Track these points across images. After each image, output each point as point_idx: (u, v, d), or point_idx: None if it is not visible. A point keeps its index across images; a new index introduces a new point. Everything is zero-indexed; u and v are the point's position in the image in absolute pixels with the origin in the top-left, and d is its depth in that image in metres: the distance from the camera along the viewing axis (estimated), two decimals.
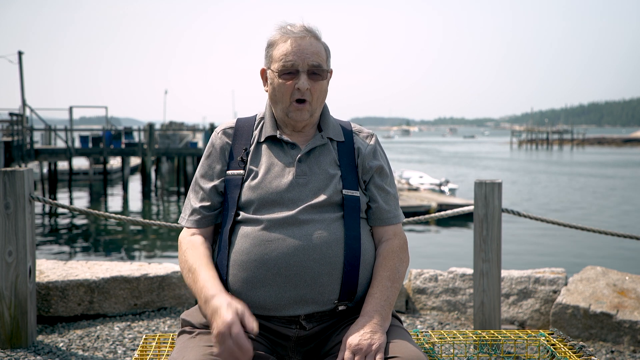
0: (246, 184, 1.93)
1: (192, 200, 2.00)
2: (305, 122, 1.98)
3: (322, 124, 2.03)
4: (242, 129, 2.04)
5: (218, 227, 1.98)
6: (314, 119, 2.00)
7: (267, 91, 2.03)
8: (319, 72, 1.94)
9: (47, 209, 24.05)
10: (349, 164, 1.99)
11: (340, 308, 1.88)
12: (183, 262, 1.92)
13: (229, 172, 1.96)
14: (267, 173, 1.94)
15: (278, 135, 1.99)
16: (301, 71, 1.92)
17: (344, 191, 1.94)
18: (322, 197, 1.91)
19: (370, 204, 1.99)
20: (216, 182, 1.97)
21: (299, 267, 1.83)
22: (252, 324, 1.65)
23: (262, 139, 2.00)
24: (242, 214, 1.91)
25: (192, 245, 1.92)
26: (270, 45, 1.98)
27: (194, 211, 1.97)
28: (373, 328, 1.79)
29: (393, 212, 2.01)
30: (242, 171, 1.95)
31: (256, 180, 1.93)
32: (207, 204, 1.96)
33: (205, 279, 1.80)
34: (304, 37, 1.93)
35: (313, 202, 1.90)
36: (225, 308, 1.67)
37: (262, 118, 2.06)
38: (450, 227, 20.77)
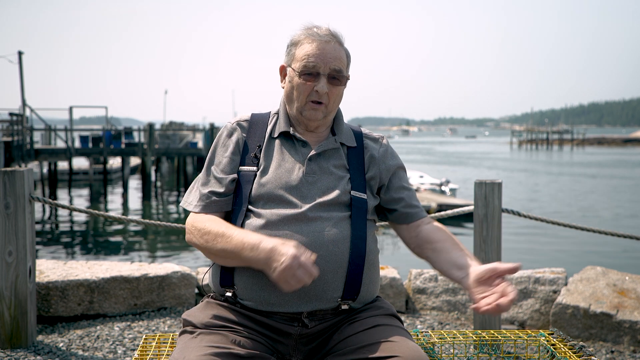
0: (256, 179, 1.94)
1: (202, 186, 1.98)
2: (319, 122, 2.00)
3: (335, 128, 2.05)
4: (256, 124, 2.05)
5: (228, 218, 1.96)
6: (327, 120, 2.02)
7: (283, 87, 2.04)
8: (339, 77, 1.96)
9: (47, 209, 24.05)
10: (358, 168, 2.01)
11: (343, 307, 1.89)
12: (205, 232, 1.87)
13: (242, 167, 1.97)
14: (278, 169, 1.95)
15: (291, 132, 2.00)
16: (322, 74, 1.94)
17: (352, 192, 1.96)
18: (330, 196, 1.92)
19: (396, 204, 2.04)
20: (229, 171, 1.97)
21: None
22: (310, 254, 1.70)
23: (276, 135, 2.02)
24: (251, 209, 1.92)
25: (210, 219, 1.90)
26: (294, 44, 1.99)
27: (203, 195, 1.95)
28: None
29: (420, 207, 2.07)
30: (254, 167, 1.96)
31: (266, 176, 1.94)
32: (220, 190, 1.94)
33: (243, 233, 1.81)
34: (329, 41, 1.95)
35: (321, 200, 1.91)
36: (282, 244, 1.71)
37: (277, 114, 2.07)
38: (450, 227, 20.76)
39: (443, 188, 29.80)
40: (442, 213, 4.08)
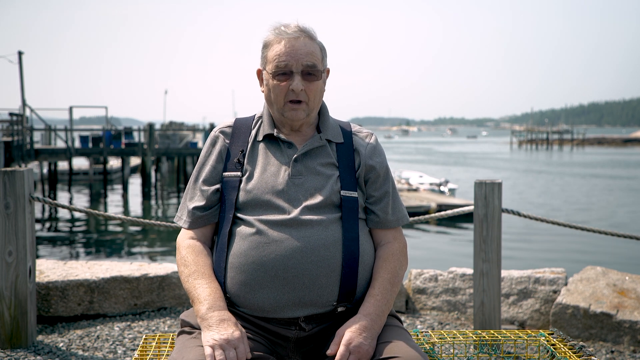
0: (242, 185, 1.93)
1: (188, 201, 2.00)
2: (302, 121, 1.97)
3: (321, 125, 2.02)
4: (239, 129, 2.03)
5: (216, 228, 1.98)
6: (310, 118, 2.00)
7: (263, 92, 2.02)
8: (314, 72, 1.93)
9: (47, 209, 24.05)
10: (348, 165, 1.97)
11: (339, 309, 1.88)
12: (183, 264, 1.91)
13: (226, 173, 1.96)
14: (263, 173, 1.93)
15: (275, 134, 1.98)
16: (295, 72, 1.91)
17: (342, 192, 1.92)
18: (319, 198, 1.89)
19: (372, 207, 1.98)
20: (212, 182, 1.97)
21: (297, 269, 1.82)
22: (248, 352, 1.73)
23: (260, 138, 2.00)
24: (240, 216, 1.90)
25: (194, 251, 1.92)
26: (265, 47, 1.97)
27: (189, 212, 1.98)
28: (372, 334, 1.79)
29: (395, 214, 2.00)
30: (238, 173, 1.95)
31: (252, 182, 1.92)
32: (202, 203, 1.96)
33: (214, 288, 1.83)
34: (298, 37, 1.92)
35: (310, 203, 1.88)
36: (236, 323, 1.75)
37: (261, 117, 2.05)
38: (450, 227, 20.77)
39: (442, 188, 29.80)
40: (442, 213, 4.08)
